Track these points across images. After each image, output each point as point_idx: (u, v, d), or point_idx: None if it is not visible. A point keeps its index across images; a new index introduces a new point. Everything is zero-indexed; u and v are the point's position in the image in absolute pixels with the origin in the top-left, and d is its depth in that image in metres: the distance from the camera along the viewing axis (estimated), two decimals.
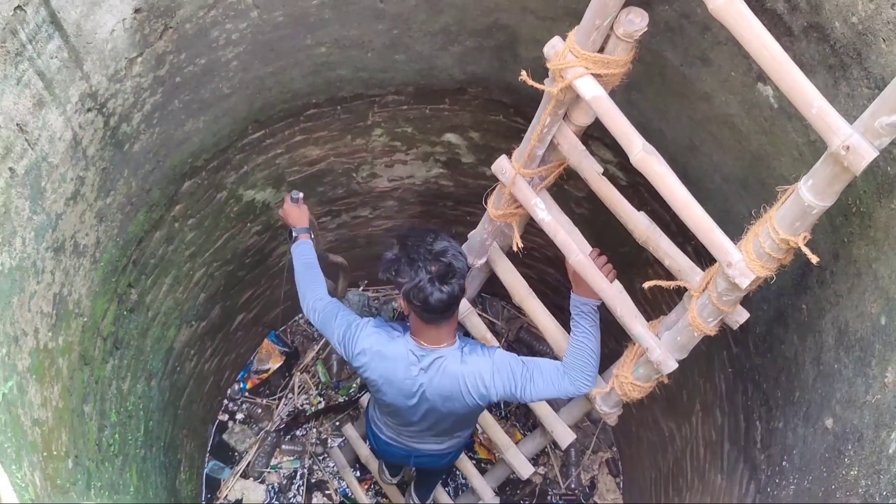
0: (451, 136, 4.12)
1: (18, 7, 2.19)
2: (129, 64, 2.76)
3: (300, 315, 6.15)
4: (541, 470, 5.72)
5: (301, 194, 3.67)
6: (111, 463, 3.48)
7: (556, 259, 4.45)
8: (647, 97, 3.26)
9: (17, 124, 2.37)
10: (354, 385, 5.86)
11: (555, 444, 5.26)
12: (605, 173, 3.04)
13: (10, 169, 2.40)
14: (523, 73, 2.66)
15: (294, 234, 3.60)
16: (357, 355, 3.18)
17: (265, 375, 5.93)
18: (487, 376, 3.10)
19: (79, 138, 2.72)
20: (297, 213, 3.65)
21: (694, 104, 3.07)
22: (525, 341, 6.00)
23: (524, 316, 5.92)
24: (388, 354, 3.13)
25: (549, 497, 5.64)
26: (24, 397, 2.59)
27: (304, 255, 3.52)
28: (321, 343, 6.10)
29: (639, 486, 5.39)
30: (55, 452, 2.78)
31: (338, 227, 4.96)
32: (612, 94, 3.24)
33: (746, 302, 3.30)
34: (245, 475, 5.70)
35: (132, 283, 3.59)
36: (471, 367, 3.10)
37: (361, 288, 6.03)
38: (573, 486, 5.67)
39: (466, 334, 3.86)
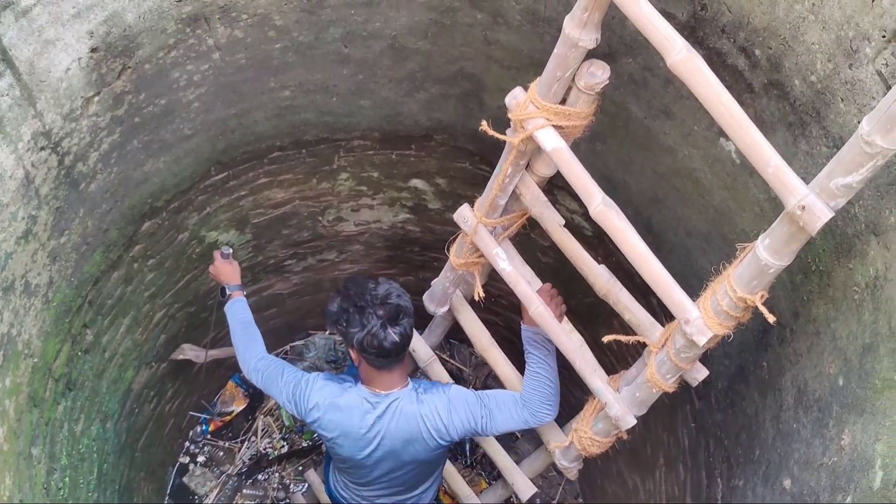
0: (417, 182, 4.10)
1: None
2: (85, 103, 2.72)
3: None
4: None
5: (230, 250, 3.61)
6: None
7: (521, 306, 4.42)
8: (612, 149, 3.26)
9: None
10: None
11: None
12: (571, 223, 3.04)
13: None
14: (484, 123, 2.65)
15: (227, 292, 3.53)
16: (310, 411, 3.12)
17: (228, 418, 5.84)
18: (444, 413, 3.06)
19: (31, 177, 2.67)
20: (228, 269, 3.61)
21: (658, 157, 3.06)
22: (493, 388, 5.94)
23: None
24: (341, 405, 3.08)
25: None
26: None
27: (239, 314, 3.45)
28: None
29: None
30: None
31: (303, 269, 4.91)
32: (577, 144, 3.23)
33: (708, 356, 3.28)
34: None
35: (87, 324, 3.52)
36: (428, 406, 3.06)
37: (328, 332, 5.96)
38: None
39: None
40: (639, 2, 2.14)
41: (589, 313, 3.79)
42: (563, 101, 2.58)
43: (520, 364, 3.37)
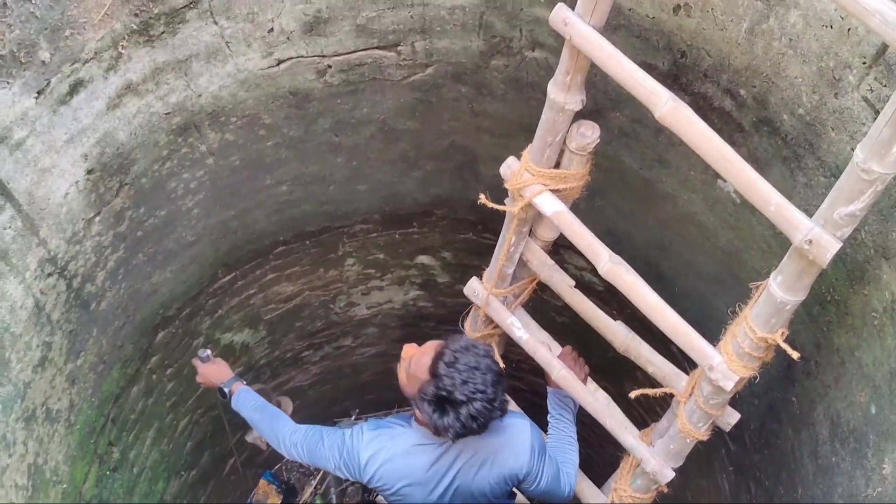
0: (423, 258, 4.11)
1: None
2: (86, 224, 2.74)
3: None
4: None
5: (208, 351, 3.38)
6: None
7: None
8: (611, 202, 3.26)
9: None
10: None
11: None
12: (581, 280, 3.02)
13: None
14: (482, 196, 2.66)
15: (226, 390, 3.27)
16: (364, 467, 2.79)
17: None
18: (527, 440, 2.79)
19: (41, 304, 2.68)
20: (215, 370, 3.34)
21: (658, 205, 3.06)
22: None
23: None
24: (398, 452, 2.77)
25: None
26: None
27: (249, 402, 3.18)
28: (318, 476, 5.97)
29: None
30: None
31: (321, 359, 4.91)
32: (576, 203, 3.24)
33: (736, 398, 3.25)
34: None
35: (112, 442, 3.50)
36: (510, 432, 2.77)
37: (353, 417, 5.93)
38: None
39: None
40: (619, 60, 2.16)
41: (612, 368, 3.75)
42: (558, 165, 2.60)
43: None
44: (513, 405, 3.44)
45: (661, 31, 2.44)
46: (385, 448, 2.78)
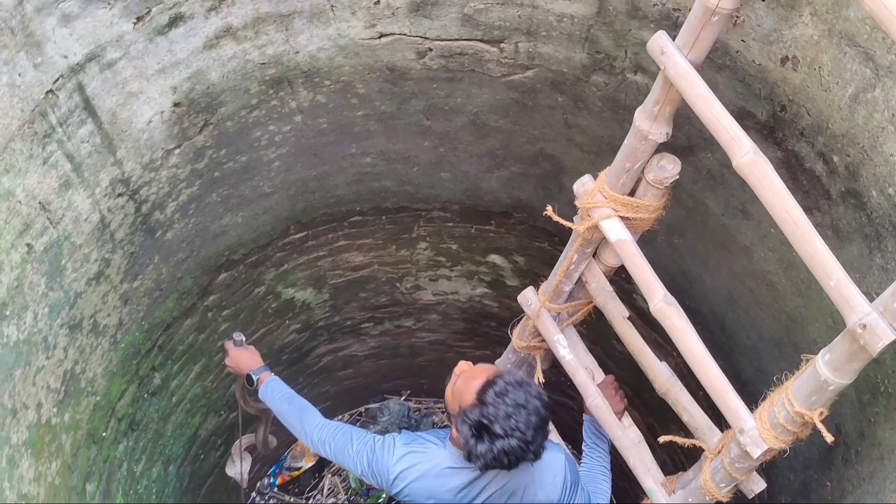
0: (495, 258, 4.08)
1: (50, 91, 2.25)
2: (165, 154, 2.81)
3: (338, 415, 6.09)
4: None
5: (243, 336, 3.30)
6: None
7: None
8: (689, 243, 3.18)
9: (40, 202, 2.41)
10: (384, 496, 5.73)
11: None
12: (645, 315, 2.94)
13: (28, 245, 2.43)
14: (549, 208, 2.62)
15: (255, 378, 3.16)
16: (394, 481, 2.74)
17: (296, 473, 5.87)
18: (561, 472, 2.74)
19: (107, 221, 2.76)
20: (246, 355, 3.24)
21: (734, 256, 2.97)
22: None
23: None
24: (429, 471, 2.71)
25: None
26: (14, 470, 2.56)
27: (278, 392, 3.09)
28: None
29: None
30: None
31: (380, 334, 4.94)
32: (654, 235, 3.18)
33: (773, 468, 3.14)
34: None
35: (156, 367, 3.59)
36: (544, 461, 2.60)
37: (403, 397, 5.95)
38: None
39: None
40: (709, 101, 2.10)
41: (660, 408, 3.68)
42: (632, 193, 2.54)
43: None
44: (554, 434, 3.39)
45: (765, 80, 2.36)
46: (417, 465, 2.72)
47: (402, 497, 2.79)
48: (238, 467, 4.11)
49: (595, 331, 3.71)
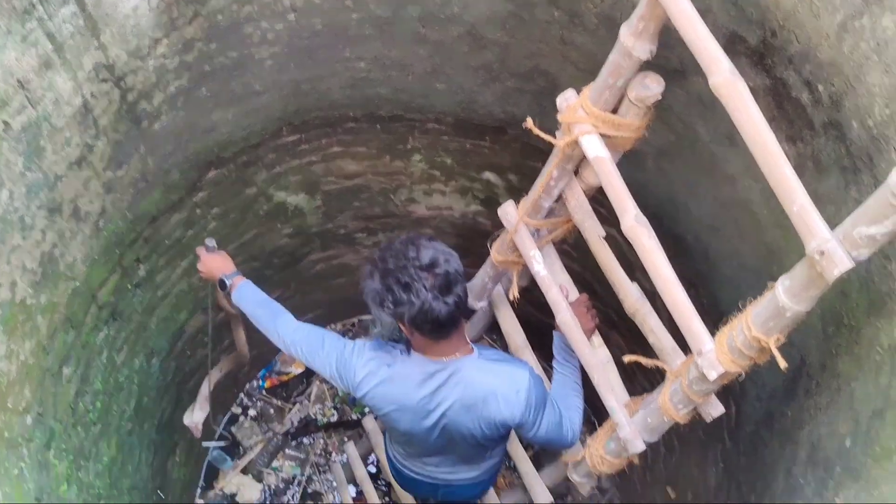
0: (489, 175, 4.06)
1: None
2: (153, 43, 2.78)
3: (331, 324, 6.14)
4: None
5: (215, 241, 3.32)
6: (85, 429, 3.48)
7: None
8: (678, 169, 3.16)
9: (18, 80, 2.40)
10: None
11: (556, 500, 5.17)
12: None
13: (4, 122, 2.43)
14: (529, 120, 2.59)
15: (227, 283, 3.19)
16: (359, 385, 2.81)
17: (285, 378, 5.95)
18: (523, 393, 2.71)
19: (90, 106, 2.75)
20: (218, 260, 3.27)
21: (719, 184, 2.95)
22: None
23: None
24: (392, 377, 2.76)
25: None
26: None
27: (250, 296, 3.14)
28: None
29: None
30: (10, 406, 2.78)
31: (373, 245, 4.94)
32: (644, 159, 3.16)
33: (743, 398, 3.17)
34: (245, 471, 5.70)
35: (141, 259, 3.60)
36: (503, 378, 2.72)
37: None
38: None
39: None
40: (692, 20, 2.06)
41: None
42: (615, 111, 2.50)
43: None
44: (531, 355, 3.43)
45: (758, 3, 2.31)
46: (380, 371, 2.77)
47: (366, 402, 2.87)
48: (194, 416, 4.17)
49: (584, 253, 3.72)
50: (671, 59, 2.64)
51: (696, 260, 3.32)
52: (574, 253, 4.24)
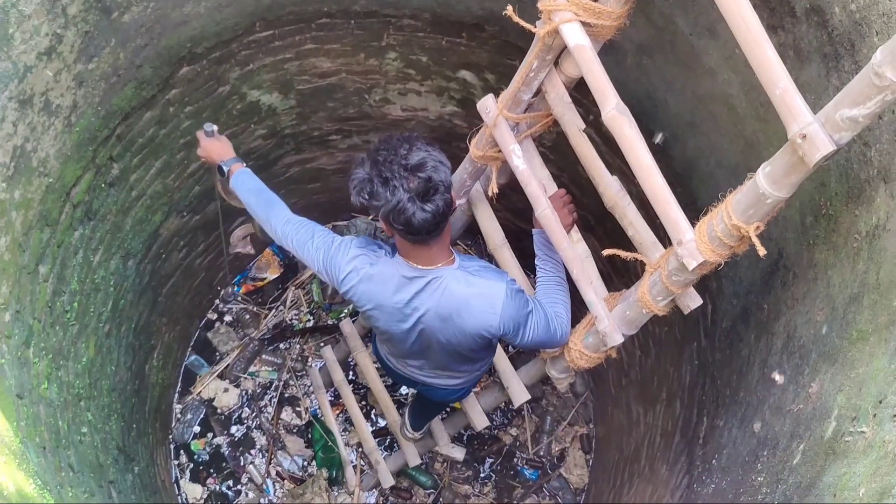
0: (466, 74, 4.01)
1: None
2: None
3: None
4: (513, 431, 5.66)
5: (215, 127, 3.28)
6: (63, 329, 3.49)
7: None
8: (657, 65, 3.13)
9: None
10: (346, 311, 5.84)
11: (531, 403, 5.26)
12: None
13: None
14: (509, 7, 2.54)
15: (225, 169, 3.19)
16: (342, 280, 2.84)
17: (260, 283, 5.95)
18: (499, 303, 2.71)
19: None
20: (218, 146, 3.26)
21: (699, 78, 2.93)
22: None
23: None
24: (374, 276, 2.79)
25: (515, 460, 5.59)
26: None
27: (247, 183, 3.13)
28: None
29: (603, 465, 5.32)
30: None
31: (348, 147, 4.90)
32: (624, 56, 3.12)
33: (720, 295, 3.20)
34: (222, 376, 5.74)
35: (114, 158, 3.56)
36: (480, 290, 2.73)
37: (371, 216, 5.95)
38: (542, 453, 5.61)
39: None
40: None
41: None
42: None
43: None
44: (514, 265, 3.44)
45: None
46: (365, 269, 2.80)
47: (350, 296, 2.89)
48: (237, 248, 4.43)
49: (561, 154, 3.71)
50: None
51: (673, 158, 3.32)
52: (551, 155, 4.23)
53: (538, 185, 2.93)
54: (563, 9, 2.46)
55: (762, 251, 2.13)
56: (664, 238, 2.65)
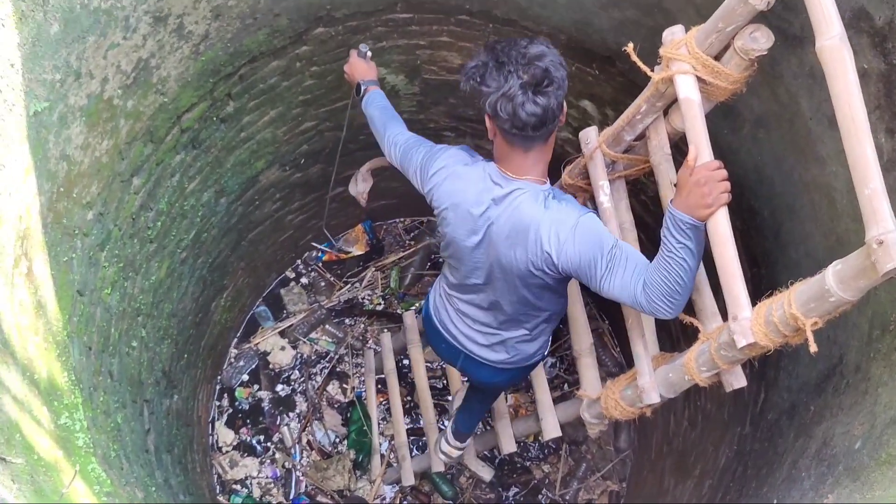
0: (587, 104, 4.01)
1: None
2: None
3: (400, 219, 6.20)
4: (545, 467, 5.62)
5: (368, 48, 3.49)
6: (141, 243, 3.61)
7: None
8: (772, 140, 3.08)
9: None
10: (417, 304, 5.89)
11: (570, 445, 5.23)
12: None
13: None
14: (630, 44, 2.54)
15: (363, 88, 3.37)
16: (431, 177, 2.81)
17: (344, 256, 6.05)
18: (564, 232, 2.50)
19: None
20: (363, 67, 3.45)
21: (808, 164, 2.87)
22: None
23: None
24: (461, 174, 2.73)
25: (539, 496, 5.53)
26: (63, 129, 2.70)
27: (376, 101, 3.30)
28: (407, 253, 6.14)
29: None
30: (75, 195, 2.90)
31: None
32: (742, 125, 3.08)
33: (774, 387, 3.13)
34: (283, 334, 5.86)
35: (232, 96, 3.68)
36: (551, 216, 2.53)
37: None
38: (568, 497, 5.54)
39: None
40: None
41: None
42: (717, 58, 2.45)
43: None
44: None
45: None
46: (455, 166, 2.78)
47: (432, 196, 2.85)
48: (358, 187, 4.37)
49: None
50: (794, 23, 2.56)
51: (766, 238, 3.26)
52: (651, 206, 4.20)
53: (617, 226, 2.91)
54: (682, 59, 2.45)
55: (813, 347, 2.07)
56: (726, 311, 2.62)
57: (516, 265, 2.69)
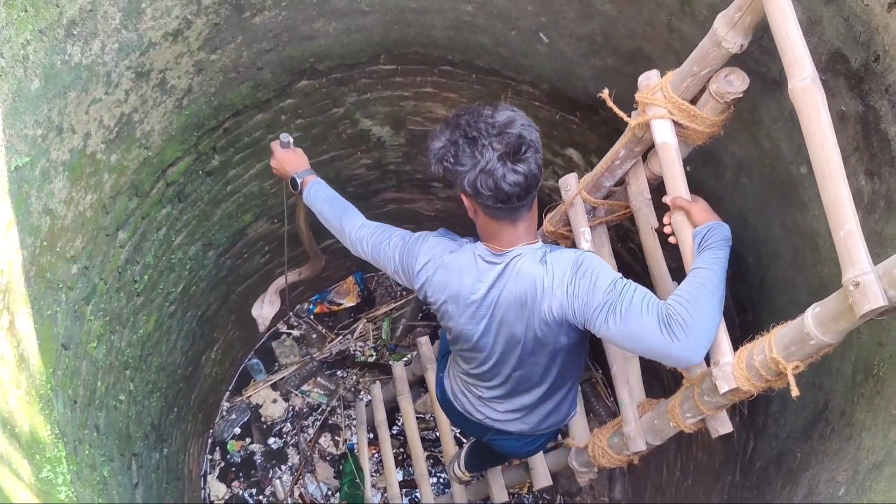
0: (572, 152, 4.02)
1: None
2: None
3: None
4: None
5: (290, 138, 3.20)
6: (128, 296, 3.60)
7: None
8: (754, 186, 3.08)
9: None
10: (409, 356, 5.86)
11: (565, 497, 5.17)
12: None
13: None
14: (605, 91, 2.56)
15: (299, 181, 3.10)
16: (418, 273, 2.61)
17: (336, 308, 6.04)
18: (568, 275, 2.33)
19: None
20: (293, 157, 3.17)
21: (791, 209, 2.87)
22: None
23: None
24: (450, 264, 2.53)
25: None
26: (46, 184, 2.71)
27: (321, 194, 3.02)
28: (398, 304, 6.13)
29: None
30: (59, 249, 2.89)
31: (447, 198, 4.97)
32: (724, 170, 3.09)
33: (762, 435, 3.10)
34: (274, 387, 5.83)
35: (217, 149, 3.69)
36: (552, 266, 2.37)
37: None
38: None
39: None
40: (786, 17, 2.00)
41: None
42: (694, 102, 2.46)
43: None
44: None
45: (868, 23, 2.22)
46: (441, 257, 2.57)
47: (424, 292, 2.66)
48: (263, 310, 4.12)
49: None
50: (772, 68, 2.57)
51: (751, 285, 3.25)
52: (639, 253, 4.19)
53: None
54: (658, 104, 2.46)
55: (795, 391, 2.06)
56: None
57: (531, 332, 2.54)
